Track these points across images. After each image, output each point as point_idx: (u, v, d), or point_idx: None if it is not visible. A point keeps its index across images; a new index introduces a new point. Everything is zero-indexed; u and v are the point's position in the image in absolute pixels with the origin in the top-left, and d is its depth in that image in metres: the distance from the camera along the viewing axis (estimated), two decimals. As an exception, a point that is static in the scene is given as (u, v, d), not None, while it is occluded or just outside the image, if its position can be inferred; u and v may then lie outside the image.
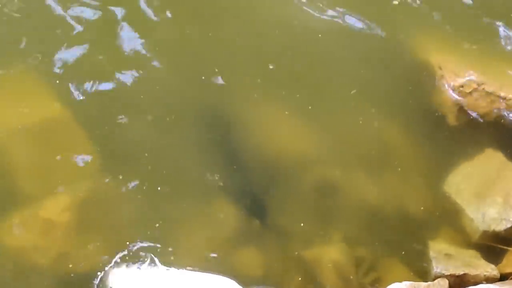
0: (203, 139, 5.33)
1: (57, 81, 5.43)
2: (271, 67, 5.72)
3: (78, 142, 5.21)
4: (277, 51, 5.84)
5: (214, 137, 5.36)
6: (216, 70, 5.66)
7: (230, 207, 5.06)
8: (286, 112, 5.50)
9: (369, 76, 5.72)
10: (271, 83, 5.66)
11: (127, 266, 4.46)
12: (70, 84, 5.44)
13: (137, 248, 4.78)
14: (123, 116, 5.35)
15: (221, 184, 5.13)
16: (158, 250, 4.71)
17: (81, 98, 5.39)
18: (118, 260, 4.50)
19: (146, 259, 4.54)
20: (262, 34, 5.91)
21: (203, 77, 5.62)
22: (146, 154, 5.19)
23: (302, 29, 5.94)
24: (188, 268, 4.55)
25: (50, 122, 5.25)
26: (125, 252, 4.73)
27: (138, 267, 4.42)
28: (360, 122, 5.51)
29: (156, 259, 4.46)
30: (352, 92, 5.64)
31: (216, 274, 4.49)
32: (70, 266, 4.76)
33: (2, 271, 4.68)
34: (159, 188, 5.05)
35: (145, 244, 4.79)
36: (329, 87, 5.67)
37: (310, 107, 5.53)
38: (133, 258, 4.64)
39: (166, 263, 4.47)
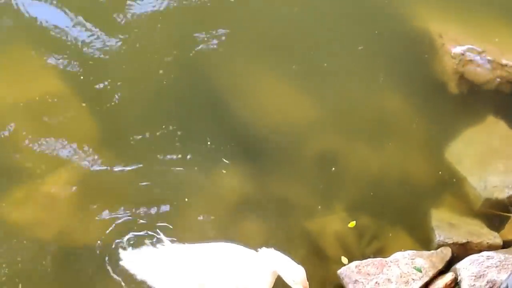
0: (205, 111, 5.32)
1: (59, 59, 5.43)
2: (272, 39, 5.72)
3: (79, 118, 5.22)
4: (279, 17, 5.81)
5: (216, 107, 5.36)
6: (216, 35, 5.65)
7: (232, 179, 5.07)
8: (288, 81, 5.49)
9: (370, 46, 5.70)
10: (273, 51, 5.67)
11: (132, 241, 4.47)
12: (70, 61, 5.43)
13: (140, 220, 4.80)
14: (122, 90, 5.35)
15: (223, 155, 5.14)
16: (162, 222, 4.72)
17: (81, 74, 5.39)
18: (123, 235, 4.51)
19: (150, 232, 4.54)
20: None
21: (200, 46, 5.60)
22: (147, 127, 5.20)
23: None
24: (191, 240, 4.55)
25: (51, 98, 5.25)
26: (128, 226, 4.75)
27: (144, 243, 4.43)
28: (361, 91, 5.51)
29: (160, 233, 4.46)
30: (359, 48, 5.63)
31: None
32: (73, 240, 4.78)
33: (6, 245, 4.69)
34: (161, 160, 5.07)
35: (148, 217, 4.82)
36: (331, 56, 5.65)
37: (311, 77, 5.53)
38: (137, 231, 4.64)
39: (170, 235, 4.47)
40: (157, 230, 4.48)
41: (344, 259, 4.80)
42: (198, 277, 4.27)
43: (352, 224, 4.93)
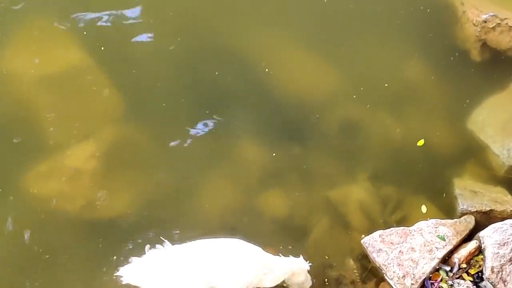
0: (226, 82, 5.32)
1: (84, 31, 5.43)
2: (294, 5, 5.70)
3: (103, 90, 5.23)
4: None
5: (237, 78, 5.35)
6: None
7: (255, 148, 5.08)
8: (310, 52, 5.47)
9: (391, 13, 5.66)
10: (294, 18, 5.64)
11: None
12: (92, 32, 5.43)
13: (164, 192, 4.84)
14: (145, 62, 5.35)
15: (246, 125, 5.15)
16: (185, 191, 4.74)
17: (104, 46, 5.39)
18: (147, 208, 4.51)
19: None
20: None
21: (223, 16, 5.60)
22: (170, 100, 5.21)
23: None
24: (212, 210, 4.58)
25: (74, 70, 5.27)
26: (152, 198, 4.78)
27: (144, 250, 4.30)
28: (383, 59, 5.48)
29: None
30: (380, 16, 5.62)
31: (224, 237, 4.43)
32: (97, 212, 4.81)
33: (30, 218, 4.74)
34: (184, 132, 5.08)
35: (172, 187, 4.87)
36: (353, 25, 5.62)
37: (333, 47, 5.51)
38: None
39: (193, 205, 4.49)
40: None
41: (424, 208, 4.82)
42: (205, 277, 4.12)
43: (421, 142, 4.93)
